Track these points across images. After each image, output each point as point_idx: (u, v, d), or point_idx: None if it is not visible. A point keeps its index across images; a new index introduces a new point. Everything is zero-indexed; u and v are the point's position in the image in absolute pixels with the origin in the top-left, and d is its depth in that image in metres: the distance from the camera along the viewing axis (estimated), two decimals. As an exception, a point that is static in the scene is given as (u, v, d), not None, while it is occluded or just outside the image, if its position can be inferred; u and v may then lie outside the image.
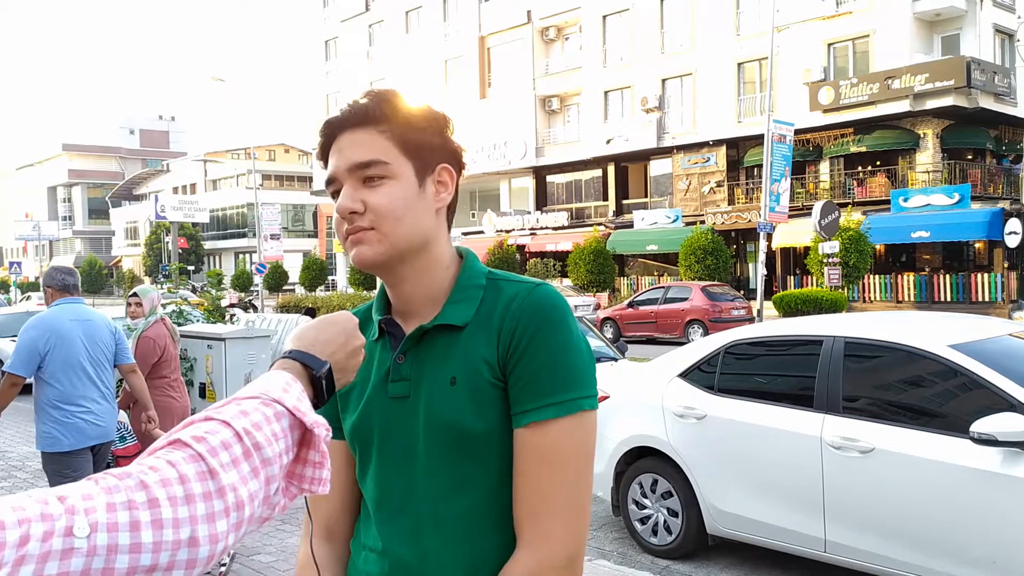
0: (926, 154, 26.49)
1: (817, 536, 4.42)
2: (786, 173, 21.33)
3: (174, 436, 0.86)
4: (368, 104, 1.25)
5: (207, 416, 0.89)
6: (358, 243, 1.23)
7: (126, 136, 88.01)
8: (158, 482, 0.79)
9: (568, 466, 1.18)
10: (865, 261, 22.82)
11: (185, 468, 0.81)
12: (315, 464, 0.97)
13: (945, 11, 26.23)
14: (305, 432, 0.96)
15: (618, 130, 33.47)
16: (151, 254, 57.91)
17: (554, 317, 1.21)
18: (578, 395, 1.19)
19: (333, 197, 1.27)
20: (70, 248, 77.80)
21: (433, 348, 1.25)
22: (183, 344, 7.50)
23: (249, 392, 0.95)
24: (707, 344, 5.34)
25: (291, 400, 0.95)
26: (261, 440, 0.89)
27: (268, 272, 38.02)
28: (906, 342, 4.39)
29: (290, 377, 1.00)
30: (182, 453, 0.83)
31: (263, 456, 0.88)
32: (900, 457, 4.11)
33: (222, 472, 0.83)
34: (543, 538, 1.17)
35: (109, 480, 0.78)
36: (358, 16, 44.91)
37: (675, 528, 5.16)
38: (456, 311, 1.25)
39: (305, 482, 0.97)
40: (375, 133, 1.23)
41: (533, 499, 1.18)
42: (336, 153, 1.25)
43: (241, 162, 62.47)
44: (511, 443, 1.21)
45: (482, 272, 1.31)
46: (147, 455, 0.84)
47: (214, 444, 0.85)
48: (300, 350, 1.08)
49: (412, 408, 1.25)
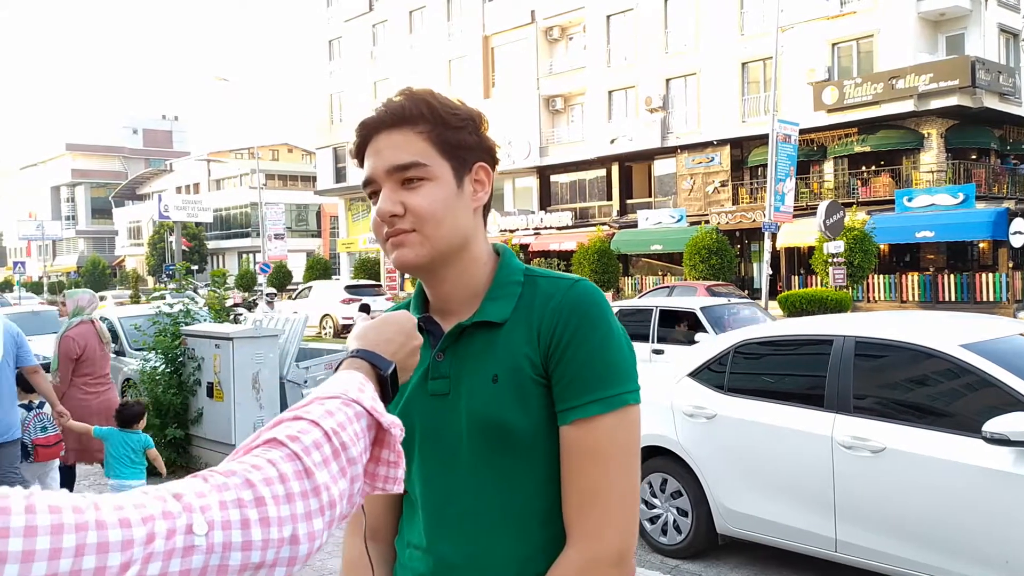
0: (930, 154, 26.44)
1: (828, 536, 4.42)
2: (791, 173, 21.34)
3: (268, 435, 0.88)
4: (404, 104, 1.24)
5: (296, 415, 0.91)
6: (399, 246, 1.23)
7: (129, 136, 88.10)
8: (262, 481, 0.81)
9: (615, 462, 1.19)
10: (870, 261, 22.79)
11: (284, 467, 0.83)
12: (390, 463, 0.99)
13: (949, 11, 26.18)
14: (379, 431, 0.98)
15: (622, 130, 33.45)
16: (154, 254, 57.99)
17: (594, 313, 1.22)
18: (622, 390, 1.20)
19: (371, 198, 1.27)
20: (73, 248, 77.91)
21: (472, 345, 1.26)
22: (191, 343, 7.53)
23: (329, 392, 0.96)
24: (717, 344, 5.34)
25: (368, 400, 0.97)
26: (347, 440, 0.90)
27: (272, 272, 38.04)
28: (917, 341, 4.38)
29: (362, 377, 1.02)
30: (279, 452, 0.85)
31: (349, 456, 0.90)
32: (911, 457, 4.10)
33: (316, 471, 0.85)
34: (593, 534, 1.18)
35: (217, 478, 0.80)
36: (362, 16, 44.92)
37: (685, 528, 5.16)
38: (495, 308, 1.26)
39: (379, 480, 0.99)
40: (412, 134, 1.22)
41: (581, 496, 1.19)
42: (373, 154, 1.24)
43: (244, 162, 62.53)
44: (556, 439, 1.21)
45: (519, 268, 1.31)
46: (244, 452, 0.86)
47: (307, 444, 0.86)
48: (366, 349, 1.09)
49: (452, 405, 1.25)
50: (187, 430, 7.49)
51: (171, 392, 7.43)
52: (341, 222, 48.19)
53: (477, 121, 1.28)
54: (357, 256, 42.32)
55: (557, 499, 1.22)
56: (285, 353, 7.78)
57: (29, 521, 0.65)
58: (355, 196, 45.69)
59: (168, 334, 7.66)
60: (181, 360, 7.59)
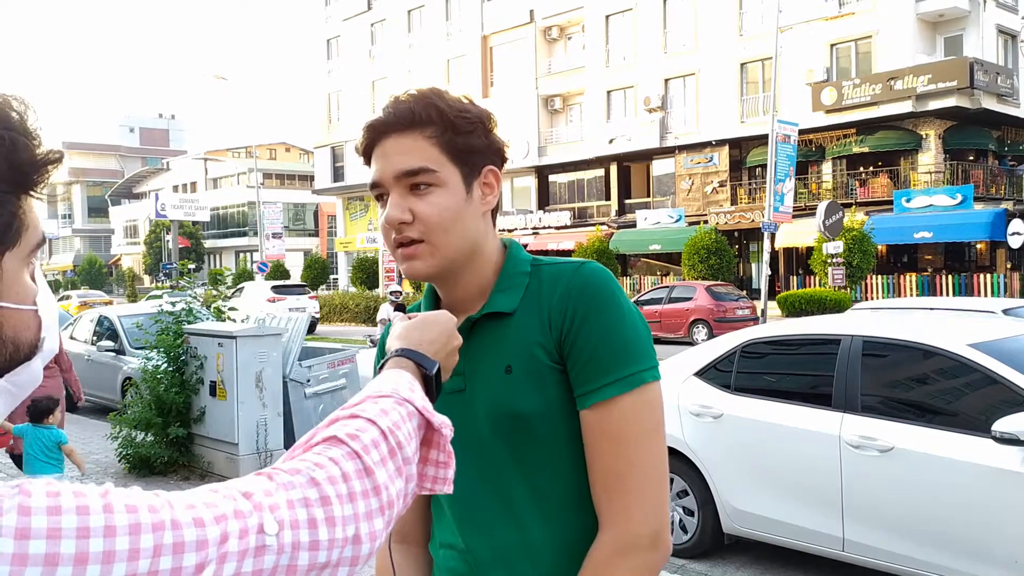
0: (928, 155, 26.49)
1: (835, 535, 4.41)
2: (790, 173, 21.34)
3: (327, 432, 0.87)
4: (412, 106, 1.21)
5: (352, 414, 0.90)
6: (410, 258, 1.22)
7: (126, 134, 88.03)
8: (327, 479, 0.80)
9: (638, 442, 1.18)
10: (868, 261, 22.84)
11: (346, 465, 0.83)
12: (439, 464, 0.98)
13: (948, 12, 26.23)
14: (427, 431, 0.97)
15: (621, 130, 33.45)
16: (151, 253, 57.91)
17: (604, 293, 1.21)
18: (639, 368, 1.19)
19: (377, 200, 1.26)
20: (69, 246, 77.77)
21: (484, 338, 1.25)
22: (193, 342, 7.51)
23: (381, 390, 0.95)
24: (723, 343, 5.34)
25: (419, 400, 0.96)
26: (402, 439, 0.90)
27: (270, 271, 38.00)
28: (925, 341, 4.38)
29: (411, 377, 1.01)
30: (340, 450, 0.84)
31: (404, 455, 0.89)
32: (920, 456, 4.10)
33: (376, 470, 0.84)
34: (623, 518, 1.17)
35: (283, 476, 0.79)
36: (360, 15, 44.87)
37: (691, 527, 5.16)
38: (502, 299, 1.25)
39: (427, 481, 0.98)
40: (421, 138, 1.20)
41: (607, 479, 1.18)
42: (381, 158, 1.22)
43: (242, 161, 62.45)
44: (578, 423, 1.20)
45: (526, 259, 1.30)
46: (304, 450, 0.85)
47: (366, 442, 0.86)
48: (412, 349, 1.08)
49: (469, 400, 1.25)
50: (189, 429, 7.47)
51: (173, 391, 7.41)
52: (339, 221, 48.14)
53: (486, 122, 1.26)
54: (355, 255, 42.28)
55: (585, 483, 1.21)
56: (288, 352, 7.77)
57: (108, 521, 0.64)
58: (353, 195, 45.65)
59: (171, 333, 7.64)
60: (184, 359, 7.57)
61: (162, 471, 7.47)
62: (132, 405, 7.71)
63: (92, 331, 12.23)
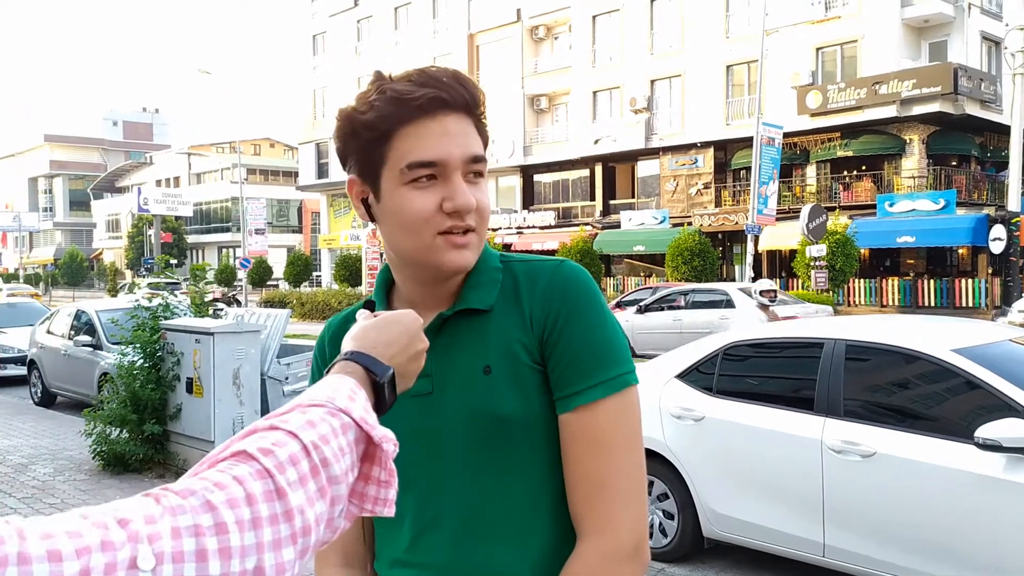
0: (912, 159, 26.64)
1: (816, 540, 4.38)
2: (774, 176, 21.42)
3: (238, 446, 0.76)
4: (465, 89, 1.14)
5: (272, 424, 0.79)
6: (465, 247, 1.13)
7: (109, 128, 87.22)
8: (225, 503, 0.70)
9: (622, 447, 1.13)
10: (851, 265, 22.93)
11: (252, 486, 0.72)
12: (380, 483, 0.87)
13: (933, 18, 26.39)
14: (370, 446, 0.87)
15: (606, 130, 33.47)
16: (133, 247, 57.40)
17: (586, 293, 1.16)
18: (623, 370, 1.14)
19: (420, 180, 1.11)
20: (50, 240, 77.02)
21: (457, 336, 1.17)
22: (170, 338, 7.40)
23: (313, 399, 0.85)
24: (705, 345, 5.29)
25: (358, 410, 0.86)
26: (329, 456, 0.79)
27: (252, 267, 37.75)
28: (909, 346, 4.35)
29: (354, 383, 0.91)
30: (249, 468, 0.73)
31: (330, 474, 0.79)
32: (902, 461, 4.07)
33: (290, 492, 0.74)
34: (606, 526, 1.11)
35: (172, 499, 0.68)
36: (347, 11, 44.68)
37: (671, 531, 5.11)
38: (477, 295, 1.18)
39: (368, 501, 0.88)
40: (472, 125, 1.15)
41: (590, 487, 1.12)
42: (443, 136, 1.10)
43: (226, 156, 62.06)
44: (555, 427, 1.15)
45: (495, 255, 1.24)
46: (209, 466, 0.75)
47: (282, 459, 0.75)
48: (362, 352, 0.98)
49: (438, 404, 1.17)
50: (165, 426, 7.36)
51: (149, 387, 7.29)
52: (323, 218, 47.85)
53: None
54: (338, 252, 42.08)
55: (561, 489, 1.15)
56: (267, 349, 7.68)
57: None
58: (337, 192, 45.44)
59: (147, 328, 7.53)
60: (160, 355, 7.45)
61: (137, 468, 7.35)
62: (108, 401, 7.59)
63: (69, 325, 12.06)
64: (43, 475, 7.35)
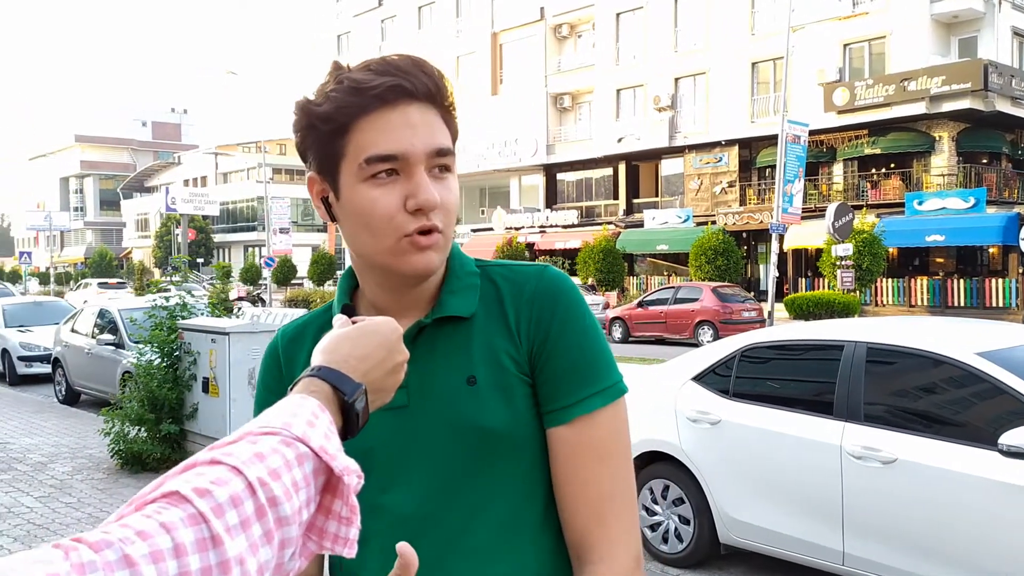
0: (941, 157, 26.23)
1: (835, 548, 4.27)
2: (800, 174, 21.12)
3: (171, 487, 0.66)
4: (428, 78, 1.04)
5: (213, 459, 0.70)
6: (428, 249, 1.04)
7: (138, 128, 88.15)
8: (147, 556, 0.60)
9: (619, 458, 1.08)
10: (879, 264, 22.60)
11: (182, 534, 0.62)
12: (342, 519, 0.78)
13: (963, 13, 25.96)
14: (331, 476, 0.77)
15: (630, 129, 33.30)
16: (161, 246, 57.95)
17: (574, 300, 1.11)
18: (616, 379, 1.10)
19: (379, 175, 1.03)
20: (81, 239, 78.02)
21: (437, 345, 1.09)
22: (187, 337, 7.41)
23: (266, 425, 0.75)
24: (722, 347, 5.19)
25: (317, 439, 0.76)
26: (279, 493, 0.70)
27: (277, 266, 37.97)
28: (931, 348, 4.23)
29: (317, 405, 0.81)
30: (180, 512, 0.64)
31: (279, 514, 0.69)
32: (924, 468, 3.95)
33: (228, 539, 0.64)
34: (615, 544, 1.06)
35: (84, 553, 0.58)
36: (371, 11, 44.84)
37: (686, 536, 5.02)
38: (457, 302, 1.10)
39: (327, 539, 0.78)
40: (438, 116, 1.05)
41: (595, 504, 1.06)
42: (405, 128, 1.02)
43: (252, 155, 62.50)
44: (542, 440, 1.08)
45: (470, 260, 1.17)
46: (135, 509, 0.65)
47: (221, 500, 0.66)
48: (331, 367, 0.88)
49: (415, 418, 1.08)
50: (182, 425, 7.38)
51: (166, 387, 7.31)
52: (347, 217, 47.85)
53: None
54: (362, 252, 42.15)
55: (547, 506, 1.09)
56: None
57: None
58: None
59: (164, 328, 7.54)
60: (177, 354, 7.47)
61: (154, 467, 7.36)
62: (126, 400, 7.62)
63: (93, 324, 12.16)
64: (61, 474, 7.39)
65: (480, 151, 37.87)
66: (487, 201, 41.35)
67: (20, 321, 15.45)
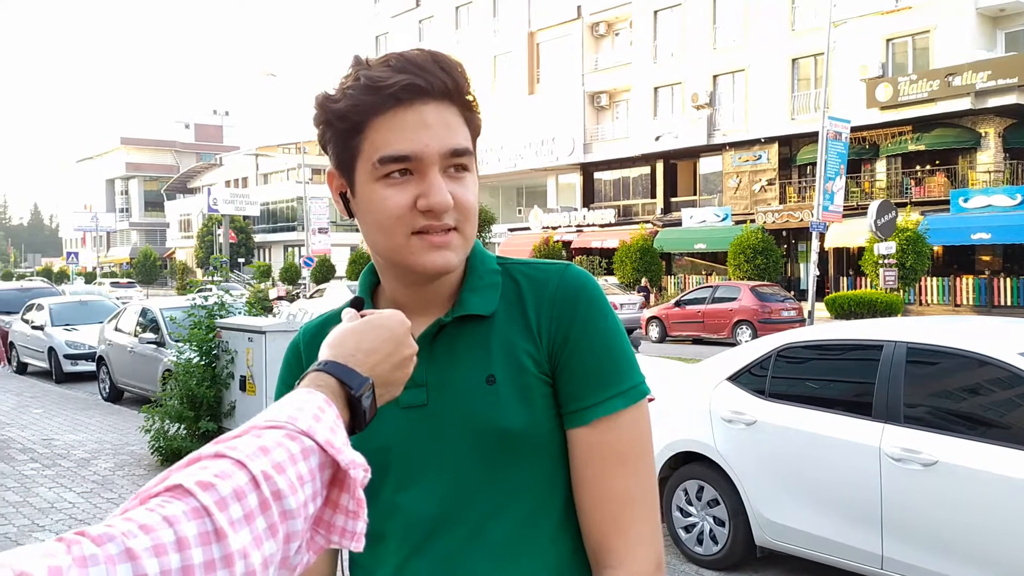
0: (987, 153, 25.66)
1: (874, 552, 4.18)
2: (841, 171, 20.79)
3: (174, 480, 0.67)
4: (447, 75, 1.03)
5: (218, 452, 0.70)
6: (443, 248, 1.03)
7: (181, 130, 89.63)
8: (149, 549, 0.60)
9: (640, 461, 1.07)
10: (923, 263, 22.18)
11: (185, 528, 0.63)
12: (349, 512, 0.78)
13: (1009, 6, 25.36)
14: (338, 471, 0.78)
15: (667, 127, 33.07)
16: (203, 246, 58.87)
17: (597, 299, 1.09)
18: (639, 380, 1.08)
19: (390, 176, 1.02)
20: (126, 239, 79.54)
21: (455, 344, 1.09)
22: (225, 336, 7.51)
23: (272, 419, 0.76)
24: (758, 346, 5.12)
25: (323, 432, 0.76)
26: (283, 487, 0.70)
27: (315, 265, 38.37)
28: (974, 348, 4.12)
29: (323, 400, 0.81)
30: (183, 506, 0.64)
31: (284, 508, 0.69)
32: (966, 471, 3.85)
33: (231, 533, 0.64)
34: (635, 549, 1.05)
35: (86, 546, 0.59)
36: (408, 12, 45.09)
37: (721, 538, 4.96)
38: (478, 300, 1.09)
39: (335, 532, 0.78)
40: (456, 113, 1.04)
41: (617, 507, 1.05)
42: (420, 128, 1.00)
43: (291, 156, 63.17)
44: (560, 441, 1.08)
45: (492, 257, 1.16)
46: (139, 503, 0.65)
47: (224, 494, 0.66)
48: (337, 362, 0.88)
49: (433, 416, 1.07)
50: (220, 423, 7.47)
51: (205, 385, 7.41)
52: (385, 217, 48.10)
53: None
54: (400, 251, 42.43)
55: (567, 509, 1.08)
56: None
57: None
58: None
59: (203, 327, 7.65)
60: (215, 353, 7.57)
61: None
62: (166, 398, 7.74)
63: (136, 323, 12.38)
64: (104, 469, 7.53)
65: (517, 150, 37.87)
66: (524, 201, 41.35)
67: (66, 320, 15.79)
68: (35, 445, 8.64)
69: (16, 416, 10.57)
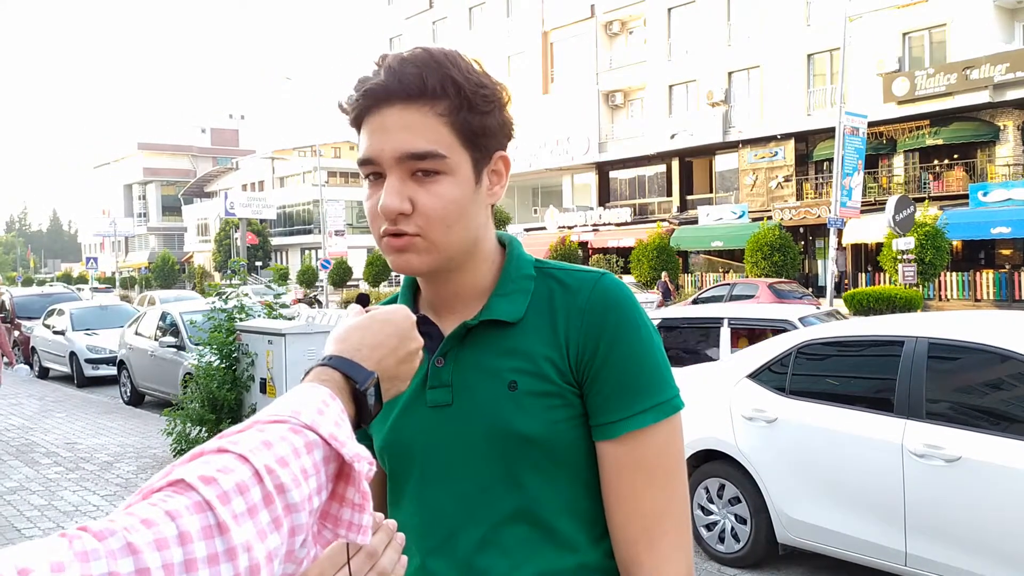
0: (1006, 147, 25.40)
1: (897, 549, 4.16)
2: (858, 167, 20.66)
3: (177, 475, 0.67)
4: (422, 75, 1.00)
5: (220, 447, 0.70)
6: (402, 251, 1.04)
7: (198, 134, 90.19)
8: (150, 544, 0.60)
9: (670, 476, 1.07)
10: (942, 258, 21.99)
11: (187, 522, 0.63)
12: (355, 506, 0.78)
13: (1028, -3, 25.10)
14: (344, 464, 0.78)
15: (683, 124, 32.95)
16: (221, 250, 59.24)
17: (631, 311, 1.08)
18: (673, 394, 1.08)
19: (368, 178, 1.06)
20: (144, 244, 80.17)
21: (480, 348, 1.09)
22: (245, 339, 7.55)
23: (276, 414, 0.76)
24: (778, 343, 5.10)
25: (327, 426, 0.76)
26: (287, 481, 0.70)
27: (332, 268, 38.51)
28: (996, 343, 4.09)
29: (327, 393, 0.81)
30: (185, 500, 0.64)
31: (288, 501, 0.69)
32: (989, 467, 3.83)
33: (234, 526, 0.64)
34: (663, 564, 1.05)
35: (86, 541, 0.59)
36: (422, 13, 45.18)
37: (743, 536, 4.94)
38: (505, 305, 1.09)
39: (341, 526, 0.78)
40: (431, 115, 1.01)
41: (644, 520, 1.05)
42: (379, 132, 1.01)
43: (307, 159, 63.46)
44: (583, 451, 1.08)
45: (529, 261, 1.15)
46: (142, 498, 0.66)
47: (227, 488, 0.66)
48: (342, 356, 0.89)
49: (457, 417, 1.09)
50: (241, 425, 7.51)
51: (225, 387, 7.46)
52: (401, 219, 48.19)
53: (503, 98, 1.07)
54: (416, 252, 42.49)
55: (586, 517, 1.08)
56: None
57: None
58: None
59: (223, 330, 7.70)
60: (235, 355, 7.62)
61: None
62: (188, 401, 7.80)
63: (156, 327, 12.49)
64: (127, 472, 7.60)
65: (532, 150, 37.86)
66: (540, 200, 41.35)
67: (87, 325, 15.94)
68: (59, 449, 8.73)
69: (39, 420, 10.68)
